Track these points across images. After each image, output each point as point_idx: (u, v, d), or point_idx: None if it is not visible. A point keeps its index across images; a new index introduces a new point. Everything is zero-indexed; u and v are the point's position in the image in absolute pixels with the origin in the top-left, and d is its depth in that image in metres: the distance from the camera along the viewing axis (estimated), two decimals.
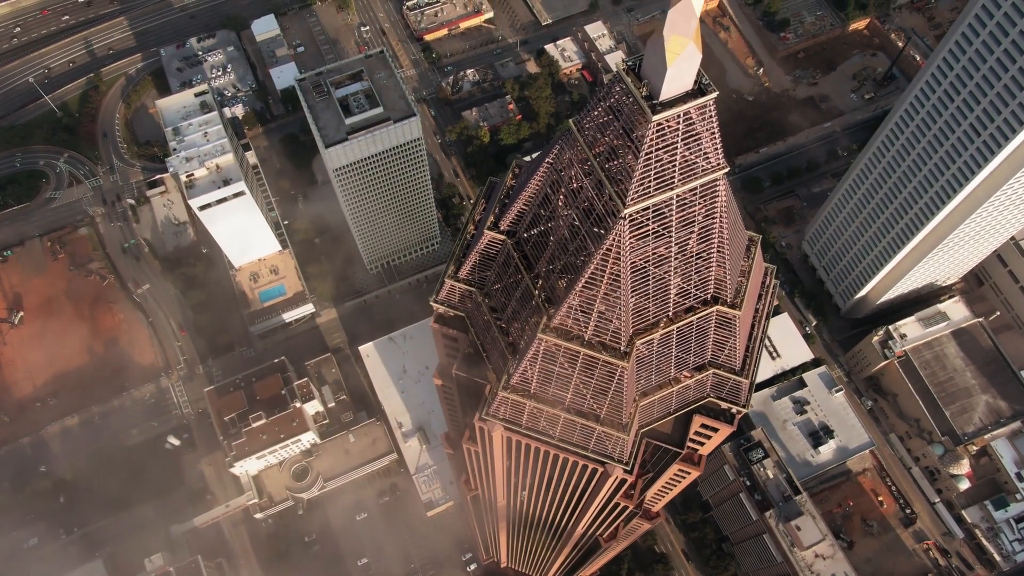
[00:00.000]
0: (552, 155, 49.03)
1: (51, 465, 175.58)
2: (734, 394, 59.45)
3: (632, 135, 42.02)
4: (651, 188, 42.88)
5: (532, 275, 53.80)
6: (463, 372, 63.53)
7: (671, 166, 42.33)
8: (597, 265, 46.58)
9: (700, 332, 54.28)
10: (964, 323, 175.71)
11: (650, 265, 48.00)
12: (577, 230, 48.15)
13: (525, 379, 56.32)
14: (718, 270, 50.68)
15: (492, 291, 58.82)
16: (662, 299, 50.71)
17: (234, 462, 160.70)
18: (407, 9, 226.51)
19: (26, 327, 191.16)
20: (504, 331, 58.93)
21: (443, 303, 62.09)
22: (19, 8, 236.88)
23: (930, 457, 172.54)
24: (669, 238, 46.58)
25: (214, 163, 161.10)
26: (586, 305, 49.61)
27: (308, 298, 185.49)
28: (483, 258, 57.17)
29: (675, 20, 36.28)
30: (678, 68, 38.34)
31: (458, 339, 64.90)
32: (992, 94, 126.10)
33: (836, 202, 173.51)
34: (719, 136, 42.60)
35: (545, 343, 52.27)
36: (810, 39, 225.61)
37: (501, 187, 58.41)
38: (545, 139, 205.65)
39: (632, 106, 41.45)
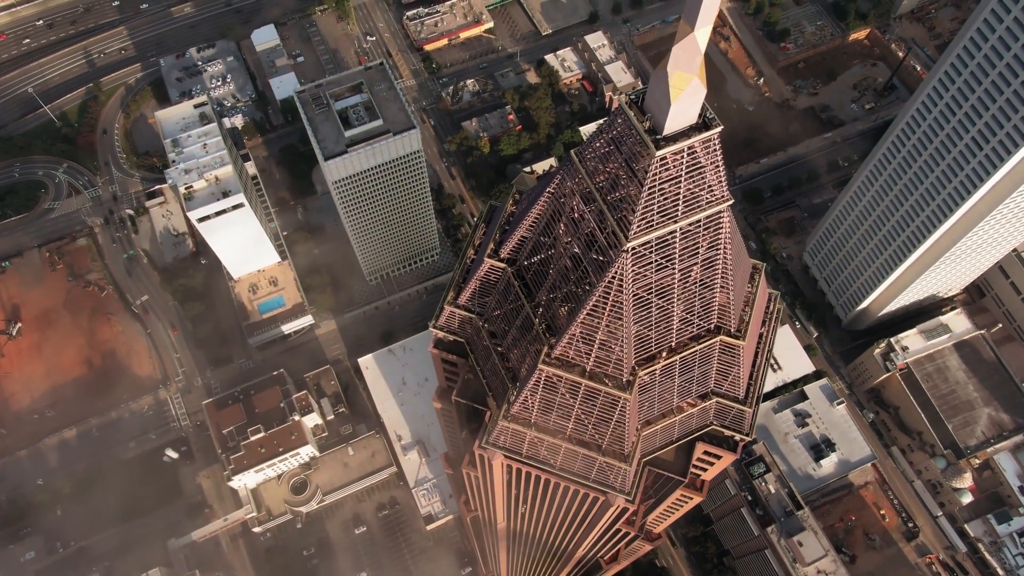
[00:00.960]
0: (553, 185, 48.36)
1: (48, 478, 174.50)
2: (737, 422, 58.64)
3: (635, 168, 41.36)
4: (654, 221, 42.21)
5: (532, 304, 53.08)
6: (463, 398, 62.69)
7: (675, 199, 41.66)
8: (599, 297, 45.86)
9: (703, 362, 53.52)
10: (966, 335, 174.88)
11: (653, 296, 47.29)
12: (579, 260, 47.45)
13: (526, 408, 55.55)
14: (722, 300, 49.95)
15: (492, 317, 58.08)
16: (665, 329, 49.97)
17: (232, 476, 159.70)
18: (407, 19, 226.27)
19: (24, 338, 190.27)
20: (504, 357, 58.18)
21: (442, 328, 61.34)
22: (18, 17, 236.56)
23: (932, 470, 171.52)
24: (672, 269, 45.88)
25: (213, 175, 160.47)
26: (588, 336, 48.88)
27: (307, 309, 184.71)
28: (483, 285, 56.47)
29: (679, 56, 35.63)
30: (682, 103, 37.68)
31: (458, 364, 64.13)
32: (994, 108, 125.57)
33: (837, 213, 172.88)
34: (723, 168, 41.94)
35: (546, 374, 51.51)
36: (810, 49, 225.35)
37: (501, 212, 57.72)
38: (545, 150, 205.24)
39: (635, 139, 40.79)
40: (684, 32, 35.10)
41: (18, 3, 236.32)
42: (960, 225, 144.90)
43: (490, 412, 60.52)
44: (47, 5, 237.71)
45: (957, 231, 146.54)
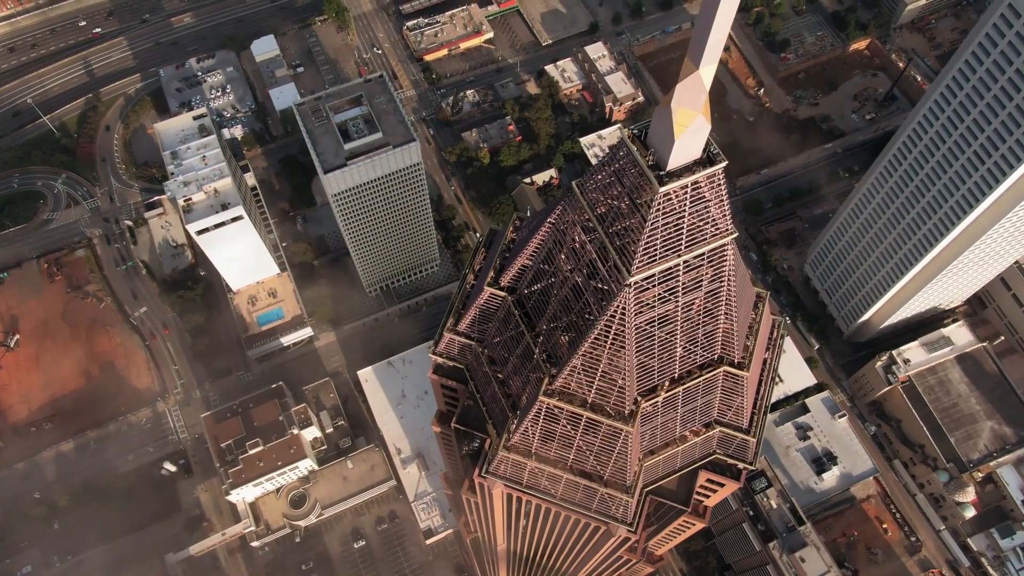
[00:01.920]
0: (555, 215, 47.70)
1: (46, 491, 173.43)
2: (741, 451, 57.86)
3: (637, 201, 40.71)
4: (657, 256, 41.53)
5: (533, 334, 52.37)
6: (463, 425, 61.91)
7: (678, 233, 41.01)
8: (601, 329, 45.15)
9: (707, 392, 52.78)
10: (968, 348, 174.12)
11: (656, 328, 46.58)
12: (580, 292, 46.76)
13: (526, 438, 54.76)
14: (725, 330, 49.23)
15: (492, 344, 57.35)
16: (668, 360, 49.25)
17: (231, 490, 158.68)
18: (407, 29, 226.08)
19: (22, 350, 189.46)
20: (504, 385, 57.43)
21: (442, 355, 60.59)
22: (18, 28, 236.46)
23: (935, 484, 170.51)
24: (675, 302, 45.19)
25: (212, 187, 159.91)
26: (589, 367, 48.16)
27: (307, 321, 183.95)
28: (483, 313, 55.75)
29: (683, 94, 34.99)
30: (686, 140, 37.04)
31: (457, 390, 63.36)
32: (996, 122, 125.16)
33: (839, 226, 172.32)
34: (727, 201, 41.29)
35: (547, 405, 50.76)
36: (811, 59, 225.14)
37: (502, 238, 57.05)
38: (545, 161, 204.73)
39: (638, 174, 40.16)
40: (688, 70, 34.49)
41: (18, 13, 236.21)
42: (963, 238, 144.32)
43: (490, 440, 59.70)
44: (47, 15, 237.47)
45: (959, 244, 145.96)
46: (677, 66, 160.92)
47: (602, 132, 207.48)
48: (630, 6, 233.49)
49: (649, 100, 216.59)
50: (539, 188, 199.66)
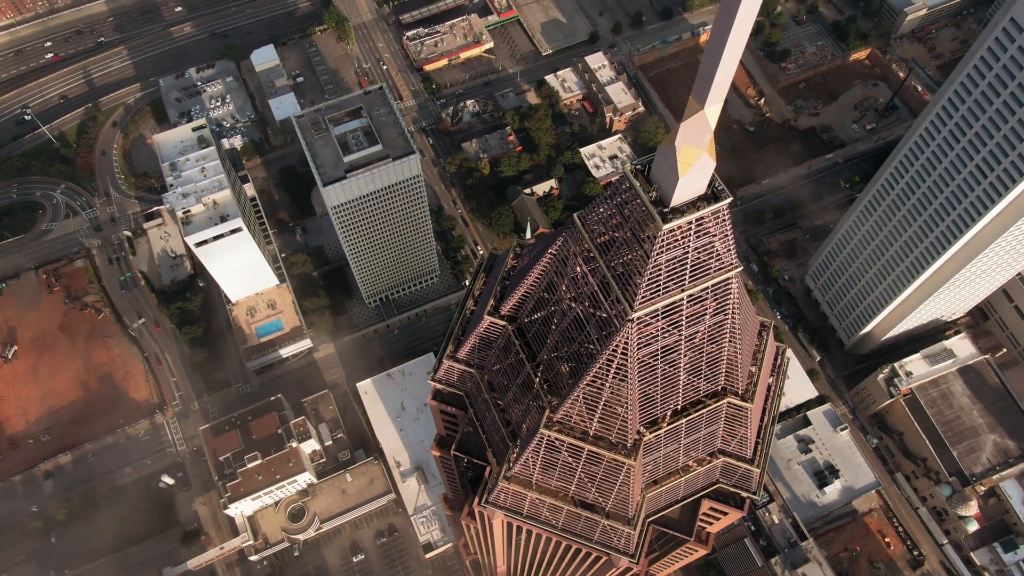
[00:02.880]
0: (556, 246, 46.97)
1: (43, 504, 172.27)
2: (745, 481, 57.04)
3: (640, 235, 40.00)
4: (660, 291, 40.82)
5: (534, 364, 51.56)
6: (462, 452, 61.05)
7: (682, 268, 40.29)
8: (603, 363, 44.39)
9: (710, 422, 51.98)
10: (970, 360, 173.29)
11: (659, 361, 45.80)
12: (582, 324, 46.01)
13: (526, 469, 53.94)
14: (729, 361, 48.47)
15: (492, 371, 56.57)
16: (671, 392, 48.47)
17: (229, 503, 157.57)
18: (407, 39, 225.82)
19: (20, 361, 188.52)
20: (504, 414, 56.63)
21: (441, 382, 59.79)
22: (18, 37, 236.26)
23: (938, 497, 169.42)
24: (679, 335, 44.44)
25: (211, 199, 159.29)
26: (591, 400, 47.39)
27: (306, 333, 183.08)
28: (482, 341, 54.96)
29: (688, 132, 34.29)
30: (691, 177, 36.35)
31: (457, 416, 62.55)
32: (999, 136, 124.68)
33: (840, 237, 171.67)
34: (732, 235, 40.56)
35: (548, 437, 49.95)
36: (811, 69, 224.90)
37: (502, 263, 56.29)
38: (545, 171, 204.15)
39: (641, 209, 39.45)
40: (693, 108, 33.80)
41: (18, 23, 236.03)
42: (965, 251, 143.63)
43: (490, 468, 58.85)
44: (47, 24, 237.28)
45: (962, 258, 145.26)
46: (677, 76, 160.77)
47: (602, 142, 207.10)
48: (630, 16, 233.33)
49: (650, 110, 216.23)
50: (539, 199, 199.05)
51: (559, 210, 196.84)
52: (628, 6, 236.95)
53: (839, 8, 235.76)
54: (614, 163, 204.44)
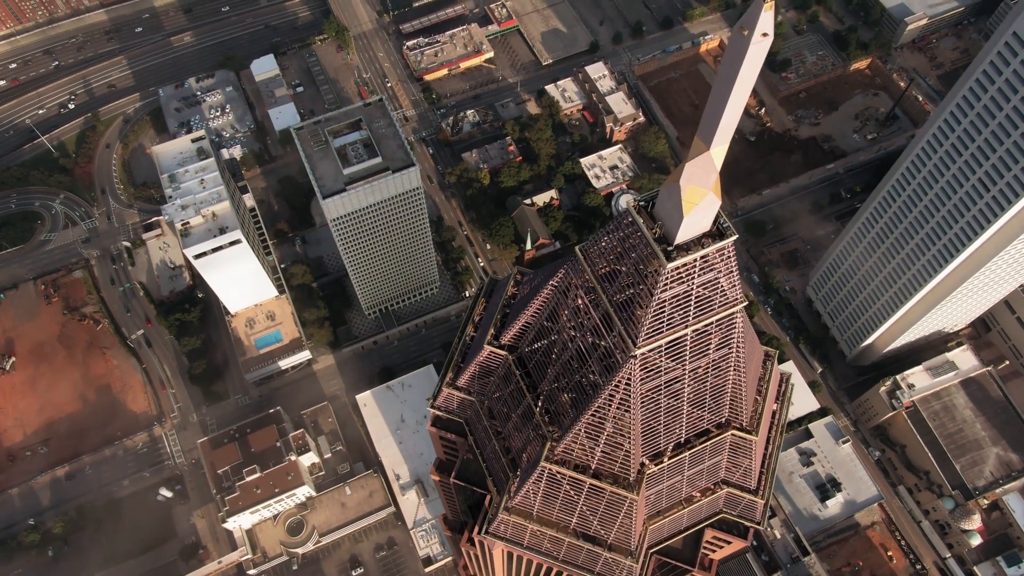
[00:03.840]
0: (557, 278, 46.24)
1: (40, 517, 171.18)
2: (749, 511, 56.22)
3: (644, 272, 39.29)
4: (664, 327, 40.08)
5: (534, 394, 50.79)
6: (462, 480, 60.20)
7: (686, 305, 39.58)
8: (606, 397, 43.63)
9: (714, 454, 51.18)
10: (973, 372, 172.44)
11: (662, 395, 45.04)
12: (584, 358, 45.25)
13: (527, 501, 53.10)
14: (733, 394, 47.69)
15: (493, 399, 55.79)
16: (675, 426, 47.70)
17: (227, 517, 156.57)
18: (407, 49, 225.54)
19: (17, 373, 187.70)
20: (505, 443, 55.82)
21: (440, 409, 58.99)
22: (18, 47, 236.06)
23: (940, 511, 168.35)
24: (682, 369, 43.68)
25: (210, 211, 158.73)
26: (593, 434, 46.63)
27: (305, 344, 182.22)
28: (482, 370, 54.19)
29: (693, 172, 33.63)
30: (696, 216, 35.65)
31: (457, 443, 61.75)
32: (1002, 150, 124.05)
33: (842, 248, 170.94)
34: (737, 271, 39.87)
35: (549, 470, 49.15)
36: (812, 79, 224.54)
37: (503, 289, 55.55)
38: (546, 182, 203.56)
39: (644, 246, 38.74)
40: (699, 149, 33.14)
41: (18, 32, 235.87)
42: (968, 265, 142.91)
43: (490, 497, 57.99)
44: (47, 34, 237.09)
45: (964, 271, 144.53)
46: (678, 86, 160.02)
47: (603, 153, 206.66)
48: (630, 26, 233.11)
49: (650, 120, 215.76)
50: (539, 209, 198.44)
51: (559, 221, 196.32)
52: (628, 16, 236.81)
53: (840, 18, 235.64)
54: (614, 174, 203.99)
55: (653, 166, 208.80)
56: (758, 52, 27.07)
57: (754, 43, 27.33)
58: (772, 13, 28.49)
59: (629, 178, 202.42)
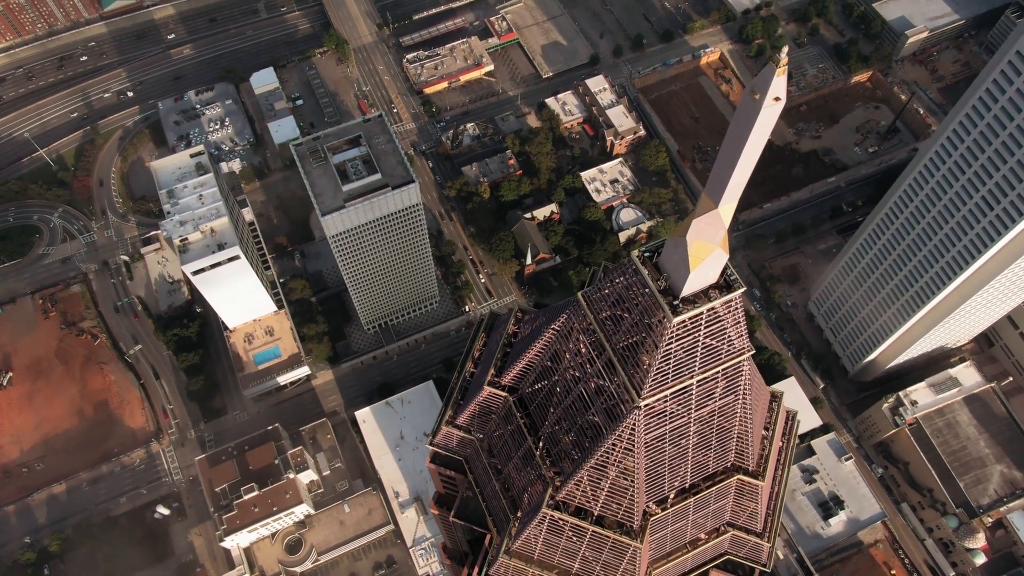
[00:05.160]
0: (559, 322, 45.22)
1: (36, 535, 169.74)
2: (755, 553, 55.05)
3: (649, 322, 38.31)
4: (670, 378, 39.06)
5: (535, 437, 49.71)
6: (461, 519, 59.04)
7: (691, 357, 38.55)
8: (608, 447, 42.57)
9: (720, 498, 50.04)
10: (976, 389, 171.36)
11: (667, 443, 43.96)
12: (587, 405, 44.21)
13: (528, 545, 51.93)
14: (740, 439, 46.63)
15: (493, 438, 54.72)
16: (679, 472, 46.59)
17: (225, 536, 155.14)
18: (407, 62, 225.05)
19: (14, 388, 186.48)
20: (504, 481, 54.68)
21: (439, 447, 57.89)
22: (17, 59, 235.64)
23: (944, 529, 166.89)
24: (688, 417, 42.63)
25: (209, 226, 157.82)
26: (595, 481, 45.52)
27: (304, 360, 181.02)
28: (482, 410, 53.11)
29: (701, 228, 32.69)
30: (702, 270, 34.66)
31: (456, 479, 60.62)
32: (1005, 169, 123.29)
33: (844, 264, 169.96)
34: (744, 321, 38.85)
35: (550, 516, 48.03)
36: (812, 92, 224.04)
37: (503, 326, 54.51)
38: (546, 195, 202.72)
39: (649, 298, 37.74)
40: (706, 207, 32.20)
41: (17, 45, 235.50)
42: (971, 282, 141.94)
43: (490, 536, 56.82)
44: (46, 47, 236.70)
45: (968, 288, 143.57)
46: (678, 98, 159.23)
47: (603, 166, 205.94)
48: (631, 38, 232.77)
49: (650, 133, 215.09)
50: (540, 223, 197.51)
51: (560, 235, 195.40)
52: (629, 28, 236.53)
53: (840, 31, 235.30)
54: (615, 187, 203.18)
55: (654, 180, 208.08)
56: (769, 116, 26.18)
57: (766, 107, 26.44)
58: (784, 78, 27.61)
59: (630, 192, 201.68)
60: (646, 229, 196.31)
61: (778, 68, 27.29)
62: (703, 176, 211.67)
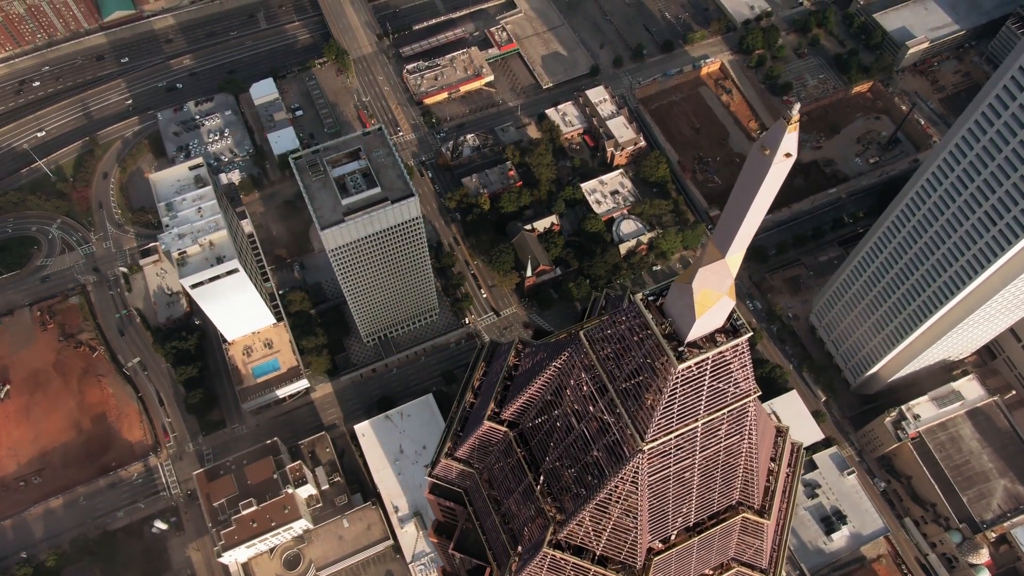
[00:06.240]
0: (561, 360, 44.37)
1: (33, 550, 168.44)
2: None
3: (653, 365, 37.48)
4: (674, 422, 38.23)
5: (535, 473, 48.81)
6: (461, 551, 58.09)
7: (696, 401, 37.73)
8: (611, 488, 41.69)
9: (724, 536, 49.13)
10: (979, 402, 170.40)
11: (671, 483, 43.09)
12: (589, 445, 43.34)
13: None
14: (745, 478, 45.75)
15: (493, 470, 53.81)
16: (684, 512, 45.72)
17: (223, 551, 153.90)
18: (407, 73, 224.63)
19: (12, 401, 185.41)
20: (505, 516, 53.76)
21: (439, 479, 56.99)
22: (17, 69, 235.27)
23: (948, 544, 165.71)
24: (692, 459, 41.79)
25: (207, 239, 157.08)
26: (597, 522, 44.64)
27: (303, 373, 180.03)
28: (482, 444, 52.21)
29: (707, 277, 31.93)
30: (708, 317, 33.87)
31: (456, 510, 59.69)
32: (1008, 184, 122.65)
33: (845, 277, 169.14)
34: (751, 363, 38.07)
35: (551, 556, 47.12)
36: (813, 103, 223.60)
37: (504, 358, 53.67)
38: (546, 207, 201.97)
39: (653, 343, 36.92)
40: (713, 256, 31.41)
41: (16, 55, 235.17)
42: (975, 296, 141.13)
43: (490, 570, 55.85)
44: (45, 57, 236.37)
45: (971, 302, 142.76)
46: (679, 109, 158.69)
47: (603, 177, 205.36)
48: (631, 49, 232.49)
49: (651, 144, 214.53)
50: (540, 235, 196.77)
51: (560, 246, 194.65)
52: (629, 39, 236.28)
53: (841, 41, 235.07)
54: (615, 199, 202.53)
55: (654, 191, 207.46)
56: (779, 172, 25.47)
57: (776, 163, 25.70)
58: (796, 134, 26.87)
59: (630, 203, 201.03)
60: (646, 241, 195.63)
61: (789, 124, 26.57)
62: (703, 187, 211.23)
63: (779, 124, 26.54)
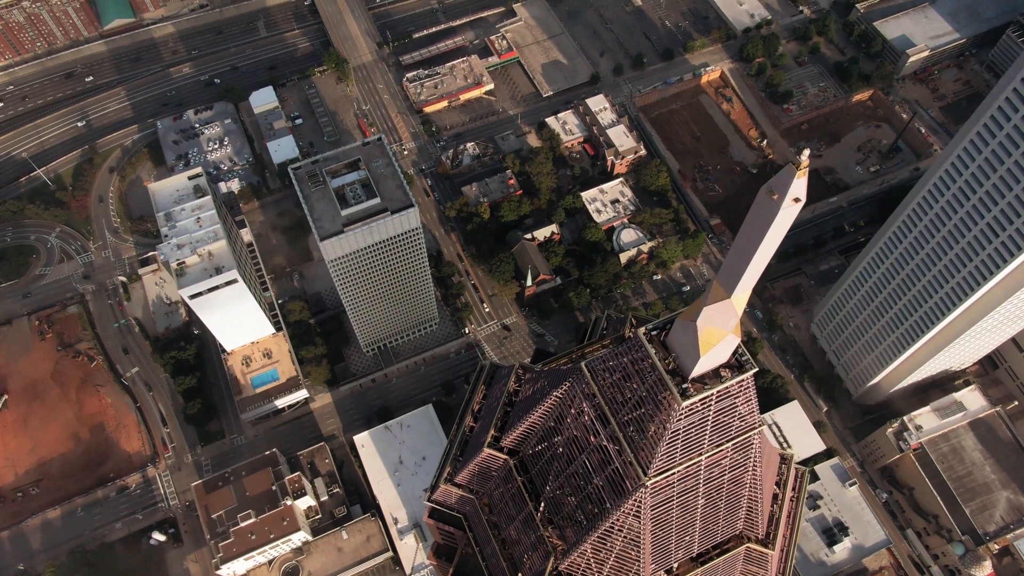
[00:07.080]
0: (562, 390, 43.70)
1: (30, 562, 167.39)
2: None
3: (656, 399, 36.81)
4: (677, 457, 37.55)
5: (536, 501, 48.09)
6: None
7: (701, 435, 37.07)
8: (613, 522, 40.99)
9: (728, 567, 48.40)
10: (981, 413, 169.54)
11: (674, 514, 42.40)
12: (590, 476, 42.65)
13: None
14: (749, 508, 45.04)
15: (494, 497, 53.08)
16: (687, 542, 44.97)
17: (221, 564, 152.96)
18: (407, 81, 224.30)
19: (9, 411, 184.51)
20: (504, 543, 53.01)
21: (438, 503, 56.25)
22: (16, 77, 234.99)
23: (950, 556, 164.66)
24: (697, 492, 41.09)
25: (206, 250, 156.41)
26: (600, 554, 43.91)
27: (302, 383, 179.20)
28: (482, 471, 51.49)
29: (712, 316, 31.28)
30: (713, 354, 33.22)
31: (455, 534, 58.94)
32: (1011, 196, 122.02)
33: (847, 287, 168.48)
34: (756, 397, 37.39)
35: None
36: (813, 111, 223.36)
37: (504, 382, 52.98)
38: (546, 216, 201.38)
39: (657, 377, 36.27)
40: (719, 295, 30.79)
41: (16, 64, 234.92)
42: (977, 307, 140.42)
43: None
44: (45, 65, 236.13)
45: (974, 313, 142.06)
46: (679, 117, 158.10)
47: (604, 186, 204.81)
48: (631, 57, 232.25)
49: (651, 153, 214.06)
50: (540, 244, 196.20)
51: (560, 255, 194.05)
52: (629, 47, 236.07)
53: (841, 49, 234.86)
54: (616, 207, 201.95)
55: (655, 200, 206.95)
56: (787, 216, 24.79)
57: (784, 208, 25.04)
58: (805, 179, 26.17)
59: (631, 212, 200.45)
60: (647, 250, 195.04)
61: (798, 170, 25.92)
62: (704, 196, 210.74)
63: (788, 169, 25.94)
